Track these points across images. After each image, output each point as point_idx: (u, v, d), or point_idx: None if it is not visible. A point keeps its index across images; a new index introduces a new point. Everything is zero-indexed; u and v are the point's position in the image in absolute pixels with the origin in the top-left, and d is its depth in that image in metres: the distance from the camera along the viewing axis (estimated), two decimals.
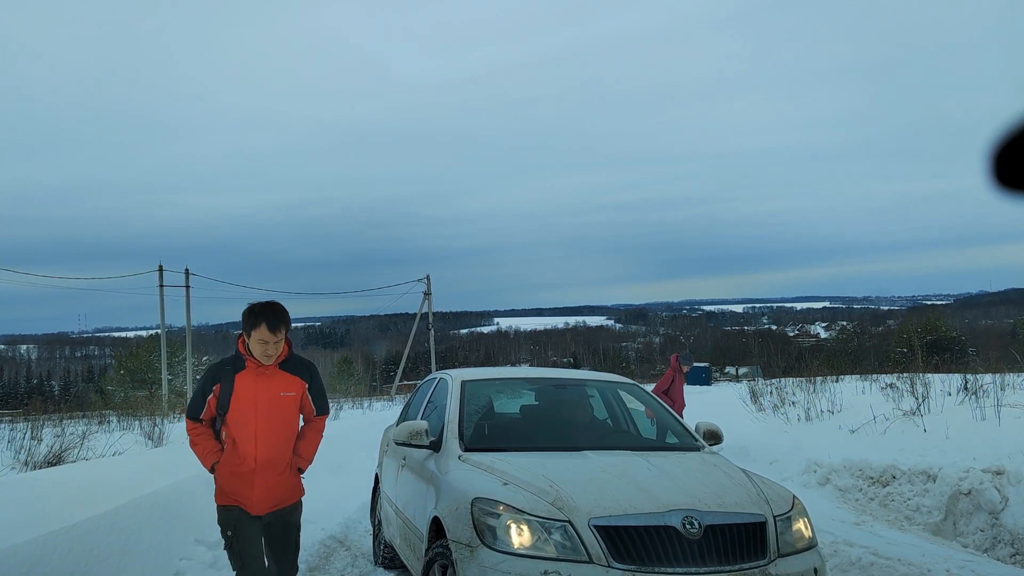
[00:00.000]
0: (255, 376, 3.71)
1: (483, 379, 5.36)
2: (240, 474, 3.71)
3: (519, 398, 5.49)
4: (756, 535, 3.45)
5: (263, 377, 3.71)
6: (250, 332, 3.63)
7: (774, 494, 3.79)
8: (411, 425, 4.55)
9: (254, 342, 3.64)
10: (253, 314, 3.65)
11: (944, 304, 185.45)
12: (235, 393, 3.69)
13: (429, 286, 38.91)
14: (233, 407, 3.70)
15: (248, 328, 3.65)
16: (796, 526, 3.65)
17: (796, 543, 3.57)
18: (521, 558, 3.26)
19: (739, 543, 3.38)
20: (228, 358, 3.83)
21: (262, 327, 3.61)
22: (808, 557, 3.57)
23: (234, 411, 3.70)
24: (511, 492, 3.54)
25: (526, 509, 3.40)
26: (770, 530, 3.49)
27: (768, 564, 3.38)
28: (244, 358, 3.72)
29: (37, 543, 4.05)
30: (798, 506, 3.78)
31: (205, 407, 3.76)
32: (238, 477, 3.71)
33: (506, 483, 3.66)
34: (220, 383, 3.70)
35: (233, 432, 3.73)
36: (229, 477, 3.72)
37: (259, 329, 3.61)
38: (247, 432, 3.71)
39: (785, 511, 3.66)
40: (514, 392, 5.59)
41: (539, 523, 3.34)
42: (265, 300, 3.73)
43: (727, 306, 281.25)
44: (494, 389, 5.40)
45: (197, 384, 3.92)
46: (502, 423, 5.02)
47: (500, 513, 3.38)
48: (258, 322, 3.61)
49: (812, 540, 3.69)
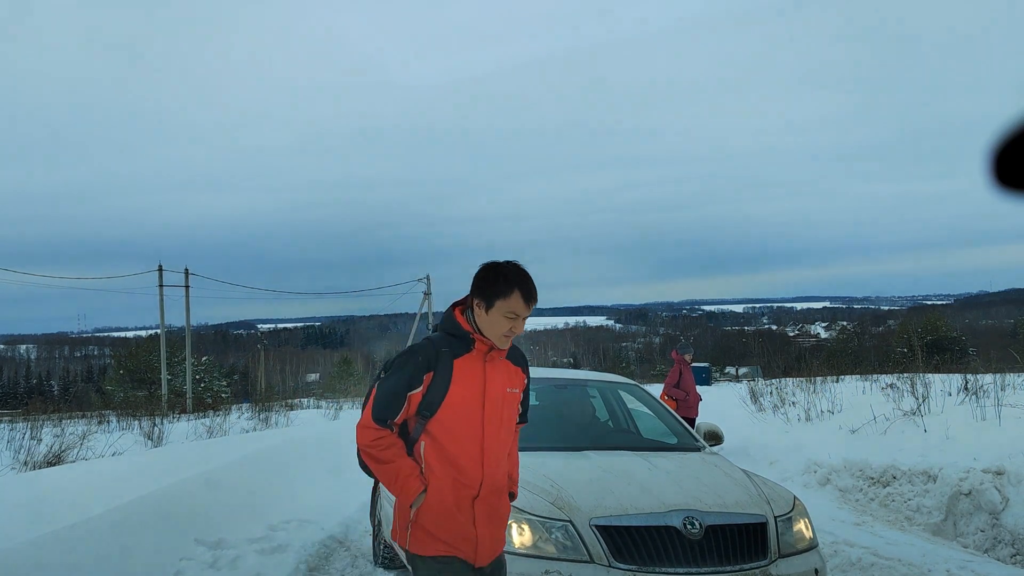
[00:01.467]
0: (482, 363, 2.54)
1: None
2: (457, 506, 2.48)
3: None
4: (757, 535, 3.45)
5: (491, 365, 2.55)
6: (493, 301, 2.46)
7: (775, 494, 3.81)
8: None
9: (496, 316, 2.47)
10: (502, 277, 2.48)
11: (944, 304, 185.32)
12: (454, 385, 2.48)
13: (429, 286, 38.93)
14: (449, 406, 2.48)
15: (490, 295, 2.47)
16: (797, 526, 3.66)
17: (797, 544, 3.61)
18: (522, 557, 3.24)
19: (740, 543, 3.39)
20: (438, 336, 2.58)
21: (515, 296, 2.46)
22: (809, 558, 3.58)
23: (450, 412, 2.48)
24: None
25: (527, 508, 3.38)
26: (771, 530, 3.50)
27: (769, 565, 3.39)
28: (472, 336, 2.52)
29: (37, 543, 4.05)
30: (799, 507, 3.80)
31: (404, 405, 2.50)
32: (454, 512, 2.47)
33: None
34: (435, 370, 2.48)
35: (445, 443, 2.49)
36: (440, 512, 2.46)
37: (511, 298, 2.45)
38: (470, 444, 2.50)
39: (786, 511, 3.67)
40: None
41: (540, 522, 3.34)
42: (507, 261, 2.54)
43: (727, 306, 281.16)
44: None
45: (390, 371, 2.56)
46: None
47: None
48: (509, 289, 2.46)
49: (813, 541, 3.71)
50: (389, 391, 2.50)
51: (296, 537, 6.18)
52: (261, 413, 18.69)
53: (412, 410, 2.51)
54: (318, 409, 23.24)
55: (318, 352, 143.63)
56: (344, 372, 62.83)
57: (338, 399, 28.64)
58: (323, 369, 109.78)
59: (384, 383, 2.54)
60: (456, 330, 2.53)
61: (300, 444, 10.03)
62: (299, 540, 6.08)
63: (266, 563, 5.49)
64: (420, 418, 2.50)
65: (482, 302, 2.48)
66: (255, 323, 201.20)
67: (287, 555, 5.72)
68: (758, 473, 4.34)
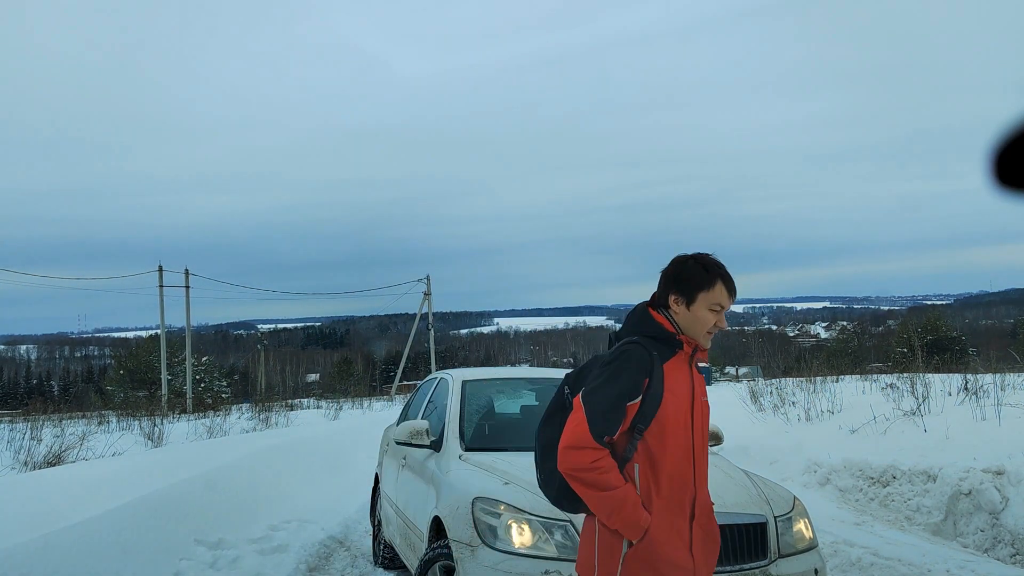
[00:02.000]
0: (689, 367, 2.24)
1: (484, 379, 5.38)
2: (677, 533, 2.14)
3: (519, 398, 5.46)
4: (757, 536, 3.44)
5: (695, 370, 2.27)
6: (695, 294, 2.17)
7: (775, 495, 3.80)
8: (412, 424, 4.56)
9: (700, 311, 2.19)
10: (702, 267, 2.20)
11: (944, 304, 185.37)
12: (667, 393, 2.14)
13: (429, 286, 38.96)
14: (662, 418, 2.13)
15: (691, 288, 2.18)
16: (797, 527, 3.66)
17: (797, 544, 3.58)
18: (522, 557, 3.24)
19: (740, 543, 3.37)
20: (639, 339, 2.19)
21: (718, 286, 2.19)
22: (809, 558, 3.57)
23: (662, 424, 2.13)
24: (512, 491, 3.50)
25: (527, 509, 3.37)
26: (771, 531, 3.49)
27: (769, 564, 3.39)
28: (677, 337, 2.21)
29: (37, 543, 4.05)
30: (799, 507, 3.80)
31: (624, 418, 2.12)
32: (674, 539, 2.13)
33: (507, 483, 3.62)
34: (650, 376, 2.13)
35: (659, 460, 2.14)
36: (661, 541, 2.10)
37: (714, 289, 2.18)
38: (683, 460, 2.17)
39: (786, 512, 3.66)
40: (514, 392, 5.56)
41: (540, 523, 3.33)
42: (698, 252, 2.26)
43: None
44: (494, 389, 5.39)
45: (602, 378, 2.15)
46: (503, 423, 5.00)
47: (501, 512, 3.36)
48: (712, 279, 2.18)
49: (813, 541, 3.71)
50: (606, 401, 2.09)
51: (296, 537, 6.18)
52: (261, 413, 18.70)
53: (626, 425, 2.13)
54: (318, 409, 23.23)
55: (318, 352, 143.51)
56: (344, 372, 62.91)
57: (338, 399, 28.63)
58: (323, 369, 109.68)
59: (598, 393, 2.11)
60: (658, 332, 2.19)
61: (300, 444, 10.04)
62: (299, 540, 6.08)
63: (266, 563, 5.49)
64: (634, 433, 2.11)
65: (680, 297, 2.19)
66: (255, 323, 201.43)
67: (287, 555, 5.72)
68: (758, 473, 4.34)
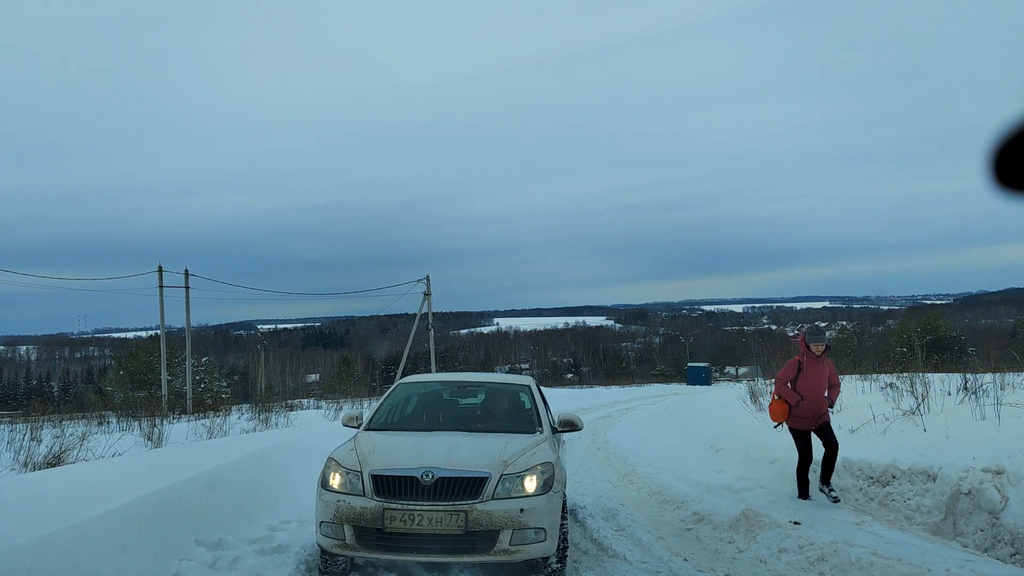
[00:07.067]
0: None
1: (418, 382, 7.30)
2: None
3: (442, 395, 7.07)
4: (475, 486, 4.89)
5: None
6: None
7: (521, 462, 5.15)
8: (351, 411, 6.67)
9: None
10: None
11: (944, 304, 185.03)
12: None
13: (429, 286, 38.89)
14: None
15: None
16: (525, 482, 5.00)
17: (514, 493, 4.93)
18: (333, 493, 5.08)
19: (459, 490, 4.87)
20: None
21: None
22: (519, 502, 4.88)
23: None
24: (345, 453, 5.37)
25: (342, 462, 5.23)
26: (491, 483, 4.92)
27: (477, 503, 4.83)
28: None
29: (37, 543, 4.05)
30: (538, 470, 5.09)
31: None
32: None
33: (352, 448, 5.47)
34: None
35: None
36: None
37: None
38: None
39: (518, 471, 5.03)
40: (441, 391, 7.13)
41: (344, 471, 5.14)
42: None
43: (727, 306, 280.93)
44: (423, 389, 7.14)
45: None
46: (407, 412, 6.71)
47: (332, 466, 5.24)
48: None
49: (539, 491, 4.99)
50: None
51: (296, 537, 6.17)
52: (261, 414, 18.65)
53: None
54: (318, 410, 23.17)
55: (318, 352, 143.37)
56: (344, 373, 62.84)
57: (338, 400, 28.58)
58: (323, 370, 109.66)
59: None
60: None
61: (300, 444, 10.01)
62: (299, 540, 6.07)
63: (266, 563, 5.49)
64: None
65: None
66: (255, 324, 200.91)
67: (287, 555, 5.72)
68: (758, 473, 4.35)
